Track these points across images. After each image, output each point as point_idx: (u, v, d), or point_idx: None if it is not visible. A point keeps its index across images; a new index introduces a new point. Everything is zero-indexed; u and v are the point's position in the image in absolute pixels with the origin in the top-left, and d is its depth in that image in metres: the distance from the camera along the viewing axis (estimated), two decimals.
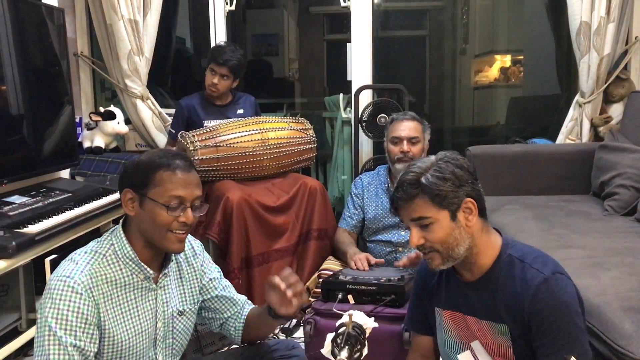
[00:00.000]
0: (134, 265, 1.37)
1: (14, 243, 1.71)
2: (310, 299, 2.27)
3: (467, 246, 1.31)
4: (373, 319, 1.34)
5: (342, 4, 3.25)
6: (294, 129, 2.77)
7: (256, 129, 2.67)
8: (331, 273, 2.20)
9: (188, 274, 1.52)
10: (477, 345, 1.38)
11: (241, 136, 2.62)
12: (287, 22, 5.03)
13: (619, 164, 2.50)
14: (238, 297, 1.59)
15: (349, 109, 3.34)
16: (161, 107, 3.25)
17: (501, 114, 4.26)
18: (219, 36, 3.29)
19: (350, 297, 1.97)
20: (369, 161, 3.22)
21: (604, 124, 2.97)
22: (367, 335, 1.29)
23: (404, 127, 2.42)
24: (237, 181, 2.65)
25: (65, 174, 2.79)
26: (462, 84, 4.54)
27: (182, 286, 1.50)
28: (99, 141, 3.01)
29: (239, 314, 1.57)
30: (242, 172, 2.64)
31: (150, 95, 3.17)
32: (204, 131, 2.64)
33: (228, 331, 1.58)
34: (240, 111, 2.90)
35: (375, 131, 3.11)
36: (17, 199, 2.12)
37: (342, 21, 3.89)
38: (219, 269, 1.61)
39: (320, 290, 2.09)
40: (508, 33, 4.50)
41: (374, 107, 3.12)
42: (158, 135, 3.16)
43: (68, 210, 2.10)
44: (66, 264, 1.32)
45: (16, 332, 2.18)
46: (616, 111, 2.99)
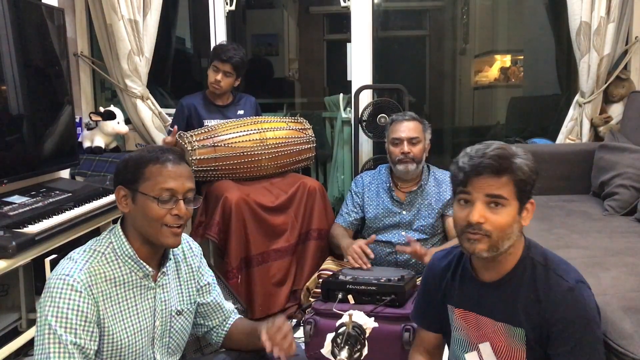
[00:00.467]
0: (132, 263, 1.37)
1: (14, 243, 1.71)
2: (310, 299, 2.28)
3: (511, 243, 1.27)
4: (373, 319, 1.34)
5: (342, 4, 3.25)
6: (292, 128, 2.77)
7: (254, 129, 2.67)
8: (331, 273, 2.20)
9: (186, 274, 1.52)
10: (485, 347, 1.36)
11: (239, 136, 2.62)
12: (287, 22, 5.03)
13: (619, 164, 2.50)
14: (226, 306, 1.60)
15: (349, 109, 3.34)
16: (161, 107, 3.26)
17: (501, 114, 4.25)
18: (219, 36, 3.29)
19: (350, 297, 1.98)
20: (369, 161, 3.22)
21: (604, 124, 2.97)
22: (367, 335, 1.30)
23: (404, 128, 2.42)
24: (236, 181, 2.65)
25: (65, 173, 2.79)
26: (462, 84, 4.52)
27: (180, 286, 1.50)
28: (99, 141, 3.01)
29: (225, 323, 1.58)
30: (241, 172, 2.64)
31: (150, 95, 3.17)
32: (202, 131, 2.64)
33: (211, 338, 1.60)
34: (241, 112, 2.90)
35: (375, 131, 3.11)
36: (17, 198, 2.12)
37: (342, 21, 3.88)
38: (213, 275, 1.60)
39: (320, 290, 2.10)
40: (508, 33, 4.49)
41: (374, 107, 3.12)
42: (158, 135, 3.16)
43: (68, 210, 2.10)
44: (65, 262, 1.32)
45: (16, 332, 2.18)
46: (616, 111, 2.99)
